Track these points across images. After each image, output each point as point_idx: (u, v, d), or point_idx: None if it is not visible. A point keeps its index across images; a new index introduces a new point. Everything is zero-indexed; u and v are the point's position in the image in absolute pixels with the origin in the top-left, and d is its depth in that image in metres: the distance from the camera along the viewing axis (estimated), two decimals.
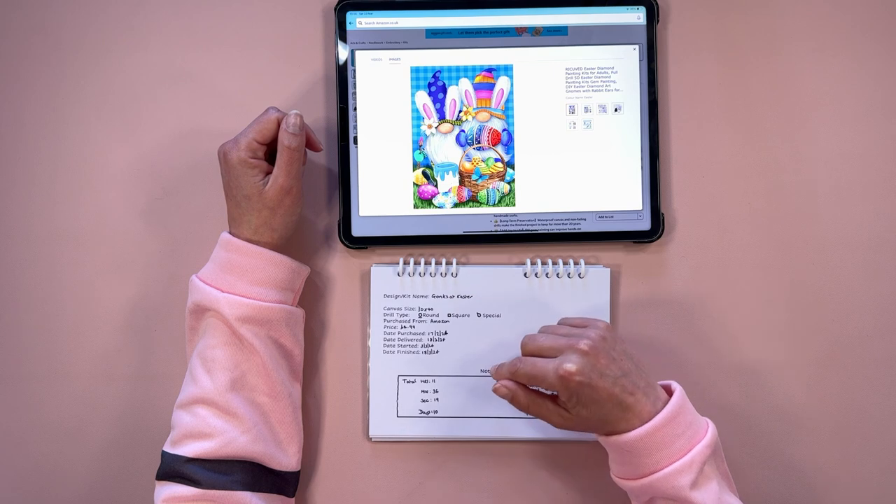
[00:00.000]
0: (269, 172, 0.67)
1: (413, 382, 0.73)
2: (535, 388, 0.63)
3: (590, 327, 0.63)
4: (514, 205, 0.72)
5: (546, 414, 0.63)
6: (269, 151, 0.68)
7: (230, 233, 0.68)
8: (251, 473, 0.65)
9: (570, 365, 0.59)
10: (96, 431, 0.74)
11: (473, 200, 0.73)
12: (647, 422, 0.60)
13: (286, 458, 0.68)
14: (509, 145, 0.72)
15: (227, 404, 0.64)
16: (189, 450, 0.64)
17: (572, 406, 0.61)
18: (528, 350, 0.63)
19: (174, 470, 0.64)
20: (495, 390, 0.64)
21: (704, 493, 0.60)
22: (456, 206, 0.73)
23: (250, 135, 0.66)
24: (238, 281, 0.66)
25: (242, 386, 0.66)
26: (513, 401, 0.63)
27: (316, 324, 0.74)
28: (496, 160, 0.73)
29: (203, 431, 0.64)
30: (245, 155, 0.66)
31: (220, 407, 0.64)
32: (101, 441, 0.74)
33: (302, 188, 0.68)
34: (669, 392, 0.63)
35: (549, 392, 0.64)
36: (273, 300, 0.67)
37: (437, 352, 0.73)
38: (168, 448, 0.65)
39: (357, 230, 0.73)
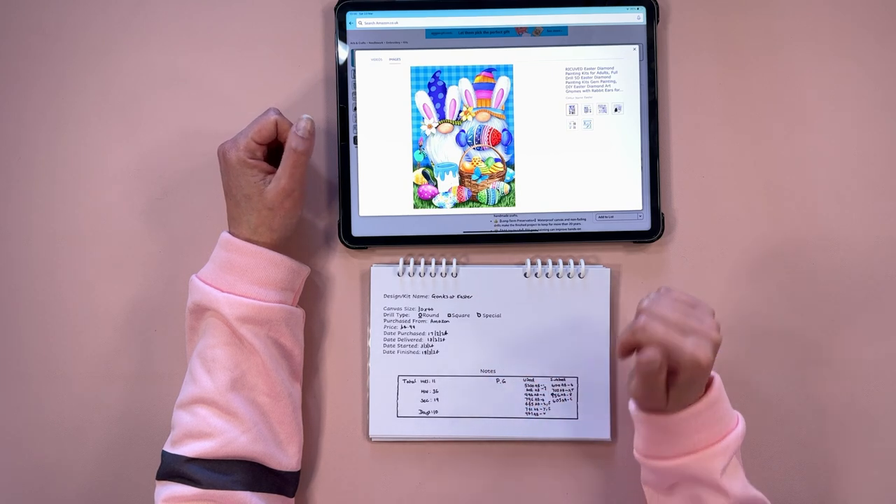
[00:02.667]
0: (268, 172, 0.67)
1: (413, 382, 0.72)
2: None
3: (703, 310, 0.59)
4: (514, 205, 0.72)
5: (656, 389, 0.58)
6: (269, 152, 0.68)
7: (230, 232, 0.68)
8: (251, 473, 0.65)
9: (709, 354, 0.57)
10: (96, 431, 0.74)
11: (473, 200, 0.73)
12: (694, 402, 0.59)
13: (286, 458, 0.68)
14: (509, 145, 0.72)
15: (228, 404, 0.64)
16: (189, 449, 0.64)
17: (682, 389, 0.58)
18: (652, 313, 0.58)
19: (174, 470, 0.64)
20: (647, 357, 0.56)
21: (733, 480, 0.60)
22: (456, 206, 0.73)
23: (249, 135, 0.66)
24: (238, 281, 0.66)
25: (242, 386, 0.66)
26: (650, 372, 0.57)
27: (316, 324, 0.74)
28: (496, 160, 0.73)
29: (203, 431, 0.64)
30: (244, 155, 0.66)
31: (220, 407, 0.64)
32: (101, 441, 0.74)
33: (305, 193, 0.68)
34: None
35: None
36: (273, 300, 0.67)
37: (437, 352, 0.73)
38: (168, 448, 0.65)
39: (357, 230, 0.73)
